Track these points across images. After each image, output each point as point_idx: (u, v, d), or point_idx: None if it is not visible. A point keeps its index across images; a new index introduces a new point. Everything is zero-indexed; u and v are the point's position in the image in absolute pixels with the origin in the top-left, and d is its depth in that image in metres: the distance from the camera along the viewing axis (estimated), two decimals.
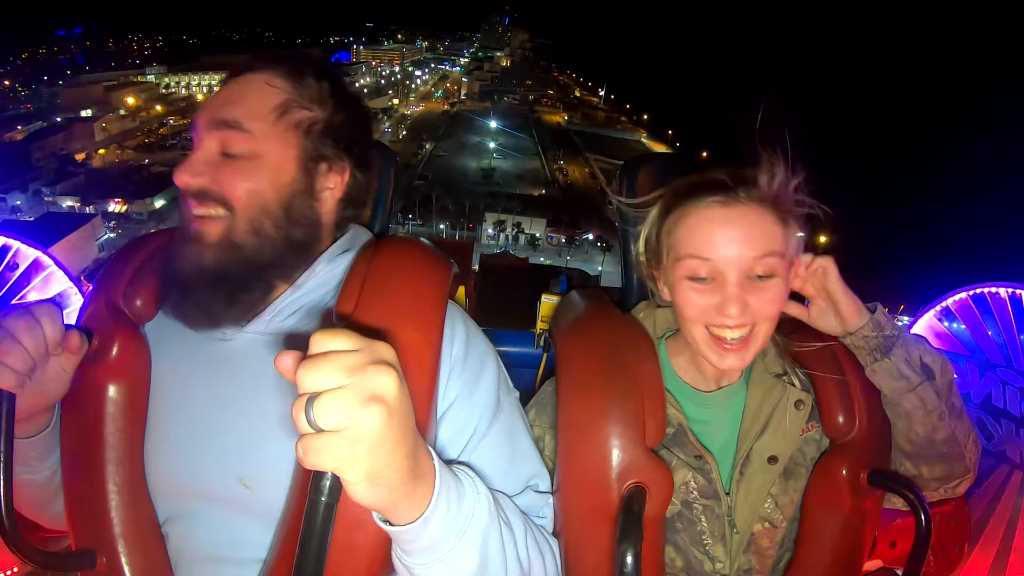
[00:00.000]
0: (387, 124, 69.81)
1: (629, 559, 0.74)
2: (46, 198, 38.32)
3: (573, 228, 44.18)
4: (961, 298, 1.52)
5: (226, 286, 0.76)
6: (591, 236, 43.13)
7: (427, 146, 62.94)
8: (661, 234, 0.88)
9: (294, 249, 0.80)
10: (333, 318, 0.75)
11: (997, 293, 1.48)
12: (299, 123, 0.79)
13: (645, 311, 0.98)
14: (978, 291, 1.52)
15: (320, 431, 0.46)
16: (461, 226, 45.04)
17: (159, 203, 39.62)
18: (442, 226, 44.75)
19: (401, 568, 0.63)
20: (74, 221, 32.56)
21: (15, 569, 1.09)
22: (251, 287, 0.78)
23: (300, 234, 0.80)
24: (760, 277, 0.81)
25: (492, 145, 66.96)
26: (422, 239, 0.87)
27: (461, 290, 1.05)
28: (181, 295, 0.77)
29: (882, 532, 1.05)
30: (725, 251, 0.81)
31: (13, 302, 1.37)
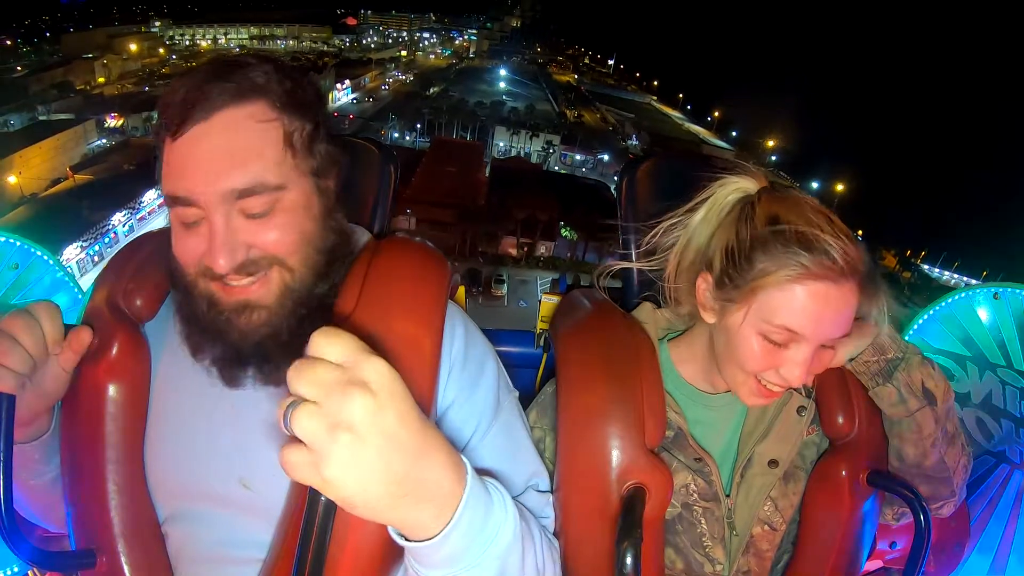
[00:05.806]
0: (394, 69, 70.14)
1: (629, 559, 0.74)
2: (40, 116, 36.89)
3: (588, 148, 43.86)
4: (962, 297, 1.51)
5: (301, 332, 0.73)
6: (606, 158, 42.79)
7: (434, 88, 61.94)
8: (744, 263, 0.79)
9: (337, 263, 0.79)
10: (334, 319, 0.75)
11: (998, 292, 1.48)
12: (303, 146, 0.74)
13: (646, 311, 0.98)
14: (979, 291, 1.52)
15: (297, 440, 0.45)
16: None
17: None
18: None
19: None
20: (64, 127, 31.65)
21: (15, 569, 1.09)
22: (317, 317, 0.76)
23: (339, 247, 0.79)
24: (823, 346, 0.80)
25: (503, 86, 68.51)
26: (418, 239, 0.86)
27: (461, 290, 1.05)
28: (259, 364, 0.74)
29: (882, 532, 1.05)
30: (818, 330, 0.77)
31: (13, 301, 1.37)
